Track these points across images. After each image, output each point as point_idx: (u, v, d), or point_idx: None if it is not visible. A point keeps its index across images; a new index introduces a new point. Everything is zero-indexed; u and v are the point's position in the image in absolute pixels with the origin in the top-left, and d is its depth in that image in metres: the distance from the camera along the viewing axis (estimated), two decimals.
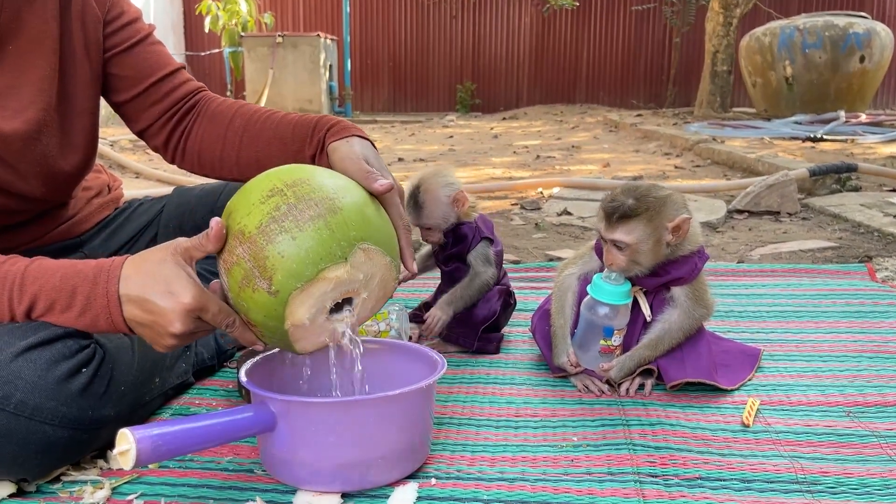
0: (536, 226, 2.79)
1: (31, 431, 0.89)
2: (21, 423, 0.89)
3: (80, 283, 0.92)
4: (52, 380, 0.91)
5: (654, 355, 1.25)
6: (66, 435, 0.92)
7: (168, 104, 1.25)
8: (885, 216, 2.69)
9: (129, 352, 1.06)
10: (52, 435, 0.91)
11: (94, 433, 0.96)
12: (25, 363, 0.90)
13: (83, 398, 0.94)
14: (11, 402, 0.88)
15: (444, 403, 1.22)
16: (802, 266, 2.05)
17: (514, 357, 1.43)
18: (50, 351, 0.92)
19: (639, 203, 1.18)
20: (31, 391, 0.89)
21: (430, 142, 6.72)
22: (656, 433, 1.09)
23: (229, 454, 1.05)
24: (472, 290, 1.42)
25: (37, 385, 0.90)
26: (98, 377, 0.96)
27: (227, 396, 1.26)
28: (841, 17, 7.86)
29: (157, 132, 1.27)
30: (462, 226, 1.44)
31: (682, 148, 5.41)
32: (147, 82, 1.23)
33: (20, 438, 0.89)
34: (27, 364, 0.90)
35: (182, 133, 1.27)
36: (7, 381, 0.88)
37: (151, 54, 1.24)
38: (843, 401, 1.20)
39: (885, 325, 1.56)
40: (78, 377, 0.94)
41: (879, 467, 0.99)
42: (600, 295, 1.22)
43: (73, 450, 0.95)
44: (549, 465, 1.01)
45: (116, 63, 1.21)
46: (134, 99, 1.24)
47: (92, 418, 0.95)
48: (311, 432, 0.92)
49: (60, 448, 0.93)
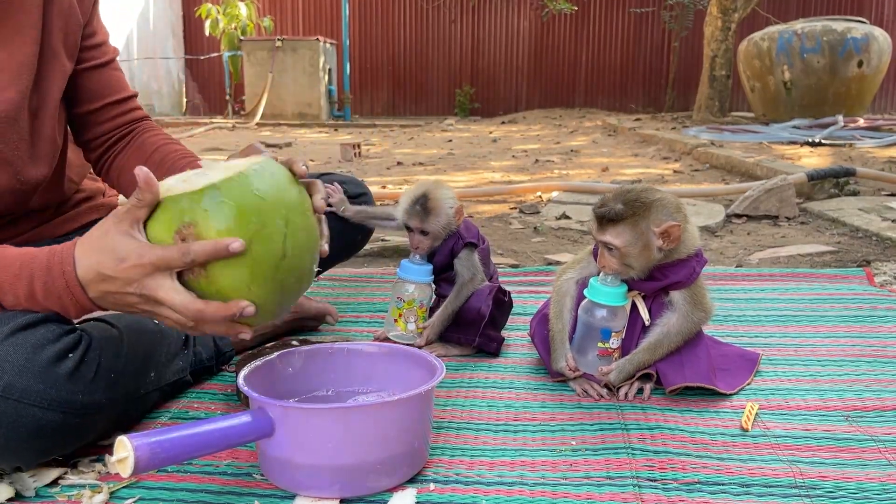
0: (535, 230, 2.79)
1: (20, 414, 0.90)
2: (10, 406, 0.89)
3: (36, 271, 0.94)
4: (39, 363, 0.92)
5: (653, 359, 1.25)
6: (56, 418, 0.93)
7: (113, 126, 1.32)
8: (883, 220, 2.70)
9: (116, 341, 1.06)
10: (43, 418, 0.92)
11: (87, 419, 0.97)
12: (11, 347, 0.91)
13: (71, 382, 0.94)
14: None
15: (443, 407, 1.21)
16: (801, 270, 2.06)
17: (513, 361, 1.43)
18: (34, 335, 0.93)
19: (626, 207, 1.18)
20: (19, 374, 0.90)
21: (429, 146, 6.72)
22: (655, 437, 1.09)
23: (228, 458, 1.05)
24: (460, 301, 1.45)
25: (24, 368, 0.91)
26: (85, 363, 0.97)
27: (226, 400, 1.26)
28: (839, 21, 7.88)
29: (95, 147, 1.34)
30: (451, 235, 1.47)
31: (681, 152, 5.42)
32: (103, 101, 1.30)
33: (10, 422, 0.90)
34: (13, 348, 0.91)
35: (112, 154, 1.34)
36: None
37: (113, 78, 1.32)
38: (841, 405, 1.20)
39: (884, 329, 1.56)
40: (65, 361, 0.95)
41: (878, 472, 0.99)
42: (597, 297, 1.22)
43: (66, 434, 0.96)
44: (547, 470, 1.01)
45: (82, 75, 1.26)
46: (87, 114, 1.30)
47: (82, 402, 0.95)
48: (309, 438, 0.92)
49: (52, 431, 0.93)
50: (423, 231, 1.44)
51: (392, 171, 4.86)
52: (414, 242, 1.46)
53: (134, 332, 1.11)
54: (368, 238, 1.75)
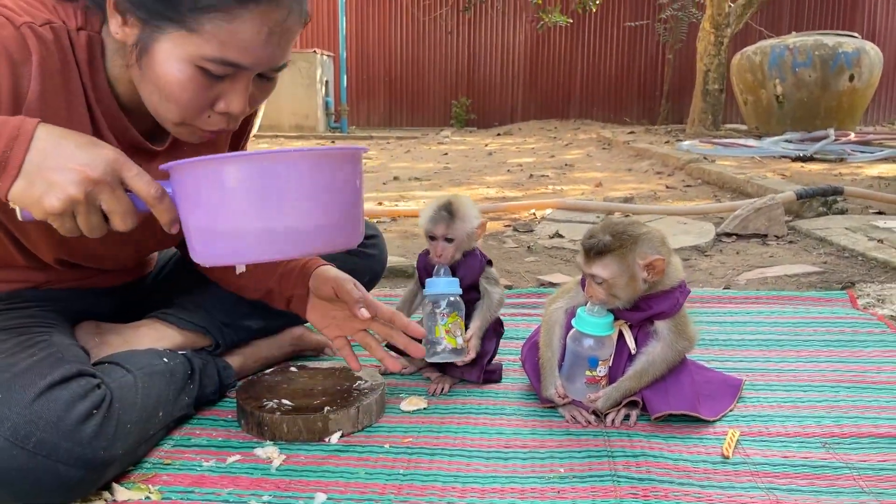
0: (529, 248, 2.84)
1: (46, 470, 0.94)
2: (38, 462, 0.93)
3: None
4: (69, 422, 0.96)
5: (639, 387, 1.30)
6: (78, 475, 0.97)
7: None
8: (869, 240, 2.75)
9: (133, 390, 1.11)
10: (65, 474, 0.95)
11: (102, 471, 1.01)
12: (46, 403, 0.95)
13: (96, 440, 0.98)
14: (31, 441, 0.92)
15: (436, 434, 1.26)
16: (786, 293, 2.11)
17: (505, 387, 1.48)
18: (67, 390, 0.97)
19: (614, 240, 1.23)
20: (51, 431, 0.94)
21: (426, 159, 6.78)
22: (640, 465, 1.14)
23: (230, 486, 1.09)
24: (492, 311, 1.47)
25: (55, 426, 0.95)
26: (107, 419, 1.01)
27: (226, 427, 1.30)
28: (830, 36, 7.98)
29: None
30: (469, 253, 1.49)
31: (674, 167, 5.48)
32: None
33: (36, 477, 0.94)
34: (48, 404, 0.95)
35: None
36: (29, 421, 0.93)
37: None
38: (819, 432, 1.25)
39: (864, 353, 1.61)
40: (91, 420, 0.99)
41: (851, 499, 1.04)
42: (584, 327, 1.27)
43: (83, 488, 1.00)
44: (536, 497, 1.06)
45: None
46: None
47: (102, 458, 1.00)
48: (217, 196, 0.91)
49: (72, 486, 0.97)
50: (448, 238, 1.42)
51: (388, 186, 4.92)
52: (437, 251, 1.42)
53: (146, 376, 1.16)
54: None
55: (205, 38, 0.94)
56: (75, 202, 0.88)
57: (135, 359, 1.19)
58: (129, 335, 1.33)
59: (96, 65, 1.07)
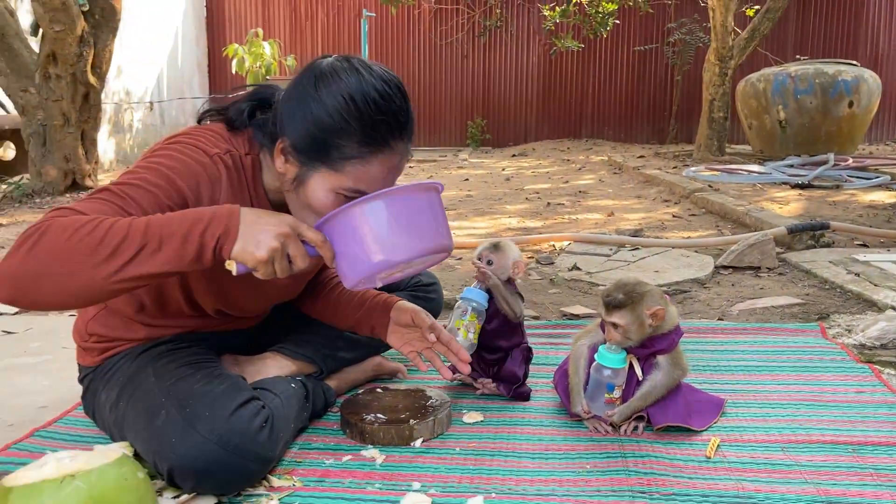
0: (551, 281, 3.27)
1: (238, 466, 1.37)
2: (234, 460, 1.37)
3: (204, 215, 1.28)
4: (252, 431, 1.39)
5: (645, 405, 1.72)
6: (257, 468, 1.41)
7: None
8: (847, 273, 3.16)
9: (281, 408, 1.55)
10: (249, 468, 1.39)
11: (268, 467, 1.45)
12: (238, 419, 1.39)
13: (267, 443, 1.42)
14: (231, 445, 1.36)
15: (493, 440, 1.69)
16: (768, 325, 2.53)
17: (542, 404, 1.91)
18: (248, 410, 1.41)
19: (626, 297, 1.66)
20: (242, 438, 1.38)
21: (448, 186, 7.22)
22: (645, 462, 1.57)
23: (349, 477, 1.52)
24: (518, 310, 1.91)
25: (244, 434, 1.38)
26: (272, 430, 1.45)
27: (335, 434, 1.73)
28: (830, 65, 8.40)
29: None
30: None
31: (680, 195, 5.91)
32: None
33: (231, 470, 1.37)
34: (238, 419, 1.39)
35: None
36: (228, 431, 1.37)
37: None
38: (780, 439, 1.67)
39: (825, 377, 2.03)
40: (264, 430, 1.42)
41: (796, 487, 1.45)
42: (604, 361, 1.70)
43: (256, 478, 1.43)
44: (570, 485, 1.48)
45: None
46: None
47: (270, 457, 1.44)
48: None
49: (250, 477, 1.41)
50: (489, 261, 1.88)
51: None
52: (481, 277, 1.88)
53: (286, 398, 1.60)
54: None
55: (346, 175, 1.39)
56: (275, 251, 1.25)
57: (276, 385, 1.64)
58: (259, 365, 1.78)
59: (258, 179, 1.52)
